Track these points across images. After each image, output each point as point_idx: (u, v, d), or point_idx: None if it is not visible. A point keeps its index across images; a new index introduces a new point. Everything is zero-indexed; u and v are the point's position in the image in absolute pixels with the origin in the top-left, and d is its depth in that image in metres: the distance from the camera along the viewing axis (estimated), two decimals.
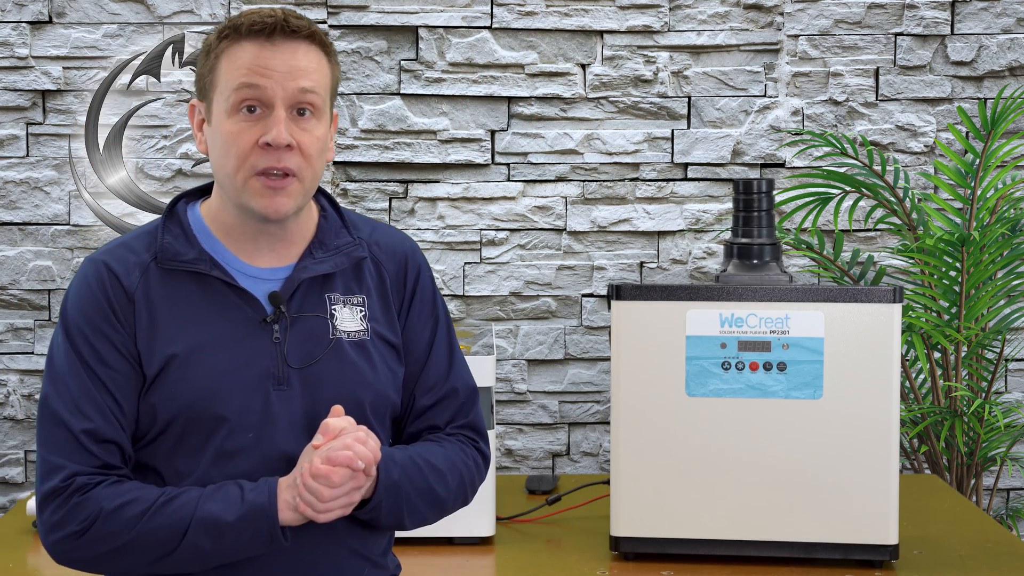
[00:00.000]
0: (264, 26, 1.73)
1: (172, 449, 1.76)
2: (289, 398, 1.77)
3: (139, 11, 3.70)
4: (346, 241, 1.86)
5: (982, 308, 3.43)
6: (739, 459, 2.45)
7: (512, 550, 2.59)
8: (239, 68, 1.73)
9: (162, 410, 1.74)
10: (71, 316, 1.77)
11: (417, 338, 1.90)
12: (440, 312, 1.94)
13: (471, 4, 3.73)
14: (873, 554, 2.43)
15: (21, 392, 3.76)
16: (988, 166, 3.45)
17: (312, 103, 1.75)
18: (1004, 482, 3.86)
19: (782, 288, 2.44)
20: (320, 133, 1.77)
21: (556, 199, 3.79)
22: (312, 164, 1.76)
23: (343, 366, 1.80)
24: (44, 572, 2.48)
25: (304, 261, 1.82)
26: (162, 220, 1.83)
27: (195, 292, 1.77)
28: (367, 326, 1.83)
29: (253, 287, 1.79)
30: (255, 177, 1.74)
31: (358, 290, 1.85)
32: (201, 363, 1.74)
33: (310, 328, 1.80)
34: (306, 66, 1.74)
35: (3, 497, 3.79)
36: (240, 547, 1.71)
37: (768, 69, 3.79)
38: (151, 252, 1.79)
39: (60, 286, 3.73)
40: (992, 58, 3.77)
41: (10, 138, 3.71)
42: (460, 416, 1.93)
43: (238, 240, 1.81)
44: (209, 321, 1.76)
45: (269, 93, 1.73)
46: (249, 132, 1.73)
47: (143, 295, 1.76)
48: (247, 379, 1.75)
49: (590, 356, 3.83)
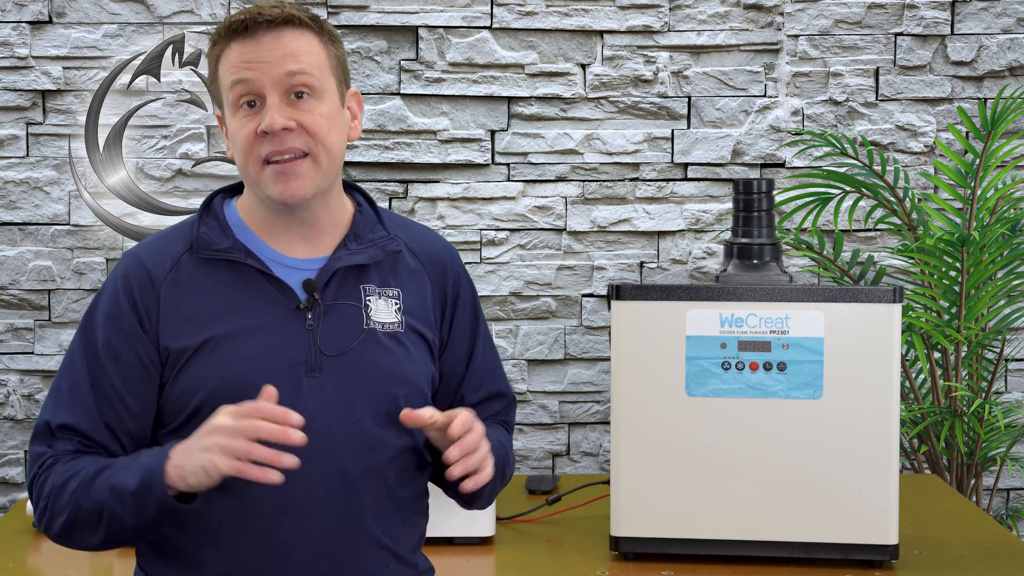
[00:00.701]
0: (241, 23, 1.78)
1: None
2: (321, 385, 1.78)
3: (139, 11, 3.70)
4: (381, 235, 1.88)
5: (982, 308, 3.43)
6: (739, 459, 2.44)
7: (512, 550, 2.59)
8: (230, 68, 1.78)
9: (191, 395, 1.76)
10: (95, 308, 1.82)
11: (461, 339, 1.93)
12: (480, 314, 1.98)
13: (471, 4, 3.73)
14: (873, 554, 2.43)
15: (21, 392, 3.76)
16: (988, 166, 3.45)
17: (306, 83, 1.78)
18: (1004, 482, 3.86)
19: (782, 288, 2.44)
20: (324, 111, 1.79)
21: (556, 199, 3.79)
22: (322, 142, 1.78)
23: (377, 355, 1.81)
24: (44, 572, 2.48)
25: (339, 252, 1.84)
26: (199, 213, 1.87)
27: (229, 280, 1.80)
28: (402, 319, 1.85)
29: (287, 276, 1.81)
30: (265, 166, 1.77)
31: (394, 283, 1.86)
32: (232, 349, 1.77)
33: (344, 316, 1.81)
34: (293, 50, 1.77)
35: (3, 497, 3.79)
36: (146, 514, 1.70)
37: (768, 69, 3.79)
38: (186, 243, 1.83)
39: (60, 286, 3.73)
40: (992, 58, 3.77)
41: (10, 138, 3.71)
42: (503, 415, 2.02)
43: (271, 232, 1.84)
44: (242, 309, 1.79)
45: (258, 84, 1.76)
46: (249, 125, 1.77)
47: (171, 285, 1.79)
48: (278, 366, 1.77)
49: (590, 356, 3.83)
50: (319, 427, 1.76)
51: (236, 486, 1.72)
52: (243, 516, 1.76)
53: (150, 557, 1.84)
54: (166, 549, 1.81)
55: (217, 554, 1.78)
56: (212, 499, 1.73)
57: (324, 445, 1.76)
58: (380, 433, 1.81)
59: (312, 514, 1.77)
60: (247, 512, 1.76)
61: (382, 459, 1.81)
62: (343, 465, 1.78)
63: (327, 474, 1.77)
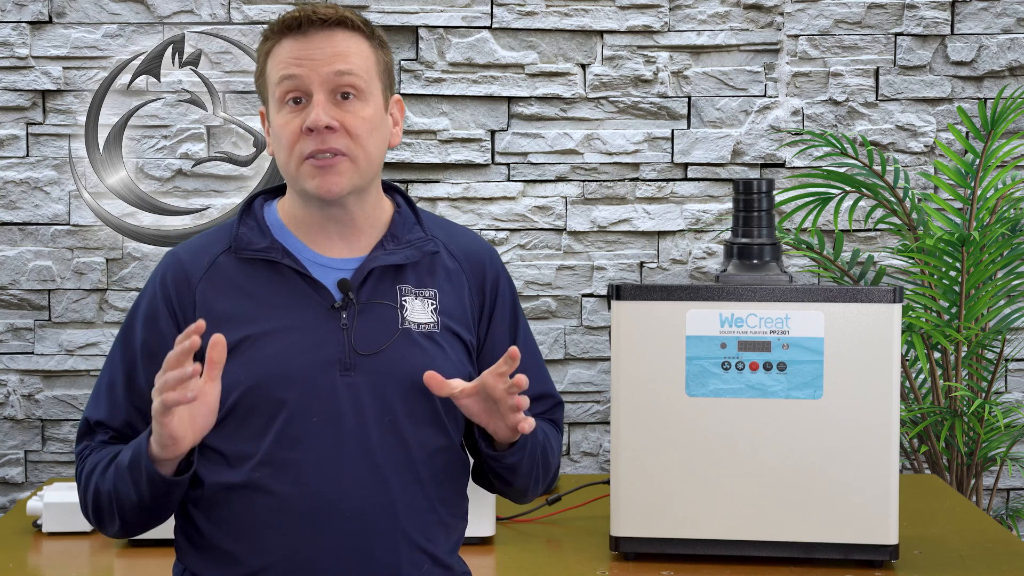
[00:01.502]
0: (294, 20, 1.81)
1: (235, 432, 1.80)
2: (355, 384, 1.80)
3: (139, 11, 3.70)
4: (418, 236, 1.90)
5: (982, 308, 3.43)
6: (739, 459, 2.44)
7: (512, 550, 2.59)
8: (279, 64, 1.81)
9: (227, 393, 1.77)
10: (136, 307, 1.88)
11: (500, 340, 1.94)
12: (520, 315, 1.99)
13: (471, 4, 3.73)
14: (873, 554, 2.43)
15: (21, 392, 3.76)
16: (988, 166, 3.45)
17: (353, 85, 1.80)
18: (1004, 482, 3.86)
19: (782, 288, 2.44)
20: (367, 114, 1.81)
21: (556, 199, 3.79)
22: (362, 144, 1.81)
23: (411, 355, 1.83)
24: (44, 572, 2.48)
25: (375, 252, 1.86)
26: (238, 215, 1.90)
27: (266, 280, 1.83)
28: (438, 319, 1.86)
29: (323, 276, 1.84)
30: (304, 162, 1.80)
31: (430, 284, 1.88)
32: (267, 347, 1.79)
33: (379, 316, 1.83)
34: (343, 51, 1.80)
35: (3, 497, 3.79)
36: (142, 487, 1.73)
37: (768, 69, 3.79)
38: (225, 243, 1.86)
39: (60, 286, 3.73)
40: (992, 58, 3.78)
41: (10, 138, 3.71)
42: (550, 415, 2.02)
43: (309, 231, 1.86)
44: (278, 308, 1.81)
45: (306, 81, 1.79)
46: (295, 121, 1.80)
47: (208, 284, 1.83)
48: (313, 364, 1.79)
49: (590, 356, 3.83)
50: (353, 425, 1.78)
51: (269, 483, 1.76)
52: (278, 512, 1.78)
53: (187, 551, 1.87)
54: (202, 544, 1.84)
55: (252, 550, 1.80)
56: (248, 496, 1.77)
57: (358, 443, 1.78)
58: (414, 432, 1.82)
59: (346, 512, 1.78)
60: (282, 508, 1.78)
61: (416, 458, 1.83)
62: (376, 463, 1.80)
63: (361, 472, 1.79)
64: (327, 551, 1.78)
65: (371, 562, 1.80)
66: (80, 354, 3.75)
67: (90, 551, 2.56)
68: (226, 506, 1.80)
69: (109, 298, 3.74)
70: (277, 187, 1.94)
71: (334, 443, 1.78)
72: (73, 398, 3.77)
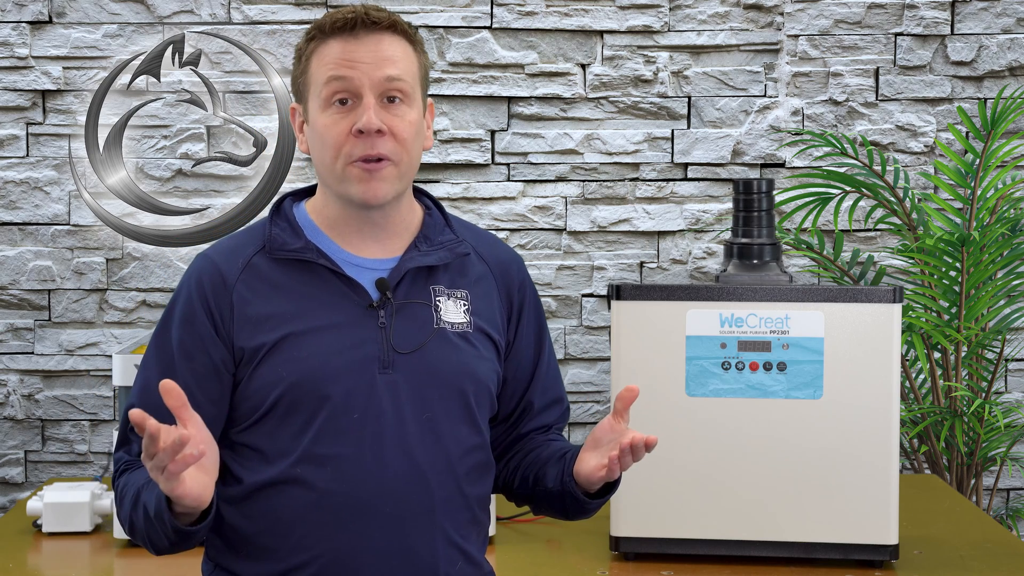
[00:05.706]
0: (346, 21, 1.81)
1: (275, 429, 1.80)
2: (394, 382, 1.81)
3: (139, 11, 3.70)
4: (449, 238, 1.91)
5: (982, 308, 3.43)
6: (739, 459, 2.44)
7: (512, 550, 2.59)
8: (327, 64, 1.81)
9: (268, 391, 1.78)
10: (172, 309, 1.86)
11: (527, 344, 1.96)
12: (544, 320, 2.01)
13: (471, 4, 3.73)
14: (873, 554, 2.43)
15: (21, 392, 3.75)
16: (988, 166, 3.45)
17: (400, 90, 1.81)
18: (1004, 482, 3.86)
19: (782, 288, 2.44)
20: (412, 118, 1.82)
21: (556, 199, 3.79)
22: (407, 148, 1.82)
23: (448, 353, 1.84)
24: (44, 572, 2.48)
25: (410, 253, 1.87)
26: (269, 216, 1.90)
27: (302, 280, 1.83)
28: (470, 319, 1.88)
29: (359, 275, 1.84)
30: (351, 165, 1.80)
31: (462, 285, 1.90)
32: (308, 346, 1.80)
33: (415, 315, 1.84)
34: (391, 55, 1.81)
35: (3, 497, 3.79)
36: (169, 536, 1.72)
37: (768, 69, 3.79)
38: (258, 244, 1.86)
39: (60, 286, 3.73)
40: (992, 58, 3.77)
41: (10, 138, 3.71)
42: (562, 420, 2.04)
43: (343, 232, 1.87)
44: (316, 307, 1.82)
45: (357, 83, 1.79)
46: (343, 122, 1.80)
47: (244, 285, 1.83)
48: (353, 361, 1.80)
49: (590, 356, 3.83)
50: (392, 423, 1.80)
51: (309, 479, 1.77)
52: (318, 508, 1.79)
53: (219, 547, 1.87)
54: (237, 540, 1.84)
55: (290, 545, 1.80)
56: (288, 491, 1.78)
57: (397, 440, 1.80)
58: (450, 430, 1.84)
59: (385, 508, 1.80)
60: (322, 504, 1.79)
61: (453, 455, 1.84)
62: (415, 460, 1.81)
63: (399, 468, 1.80)
64: (367, 547, 1.80)
65: (410, 557, 1.81)
66: (80, 354, 3.75)
67: (90, 551, 2.56)
68: (265, 502, 1.80)
69: (109, 298, 3.74)
70: (303, 189, 1.95)
71: (374, 440, 1.79)
72: (73, 398, 3.77)
